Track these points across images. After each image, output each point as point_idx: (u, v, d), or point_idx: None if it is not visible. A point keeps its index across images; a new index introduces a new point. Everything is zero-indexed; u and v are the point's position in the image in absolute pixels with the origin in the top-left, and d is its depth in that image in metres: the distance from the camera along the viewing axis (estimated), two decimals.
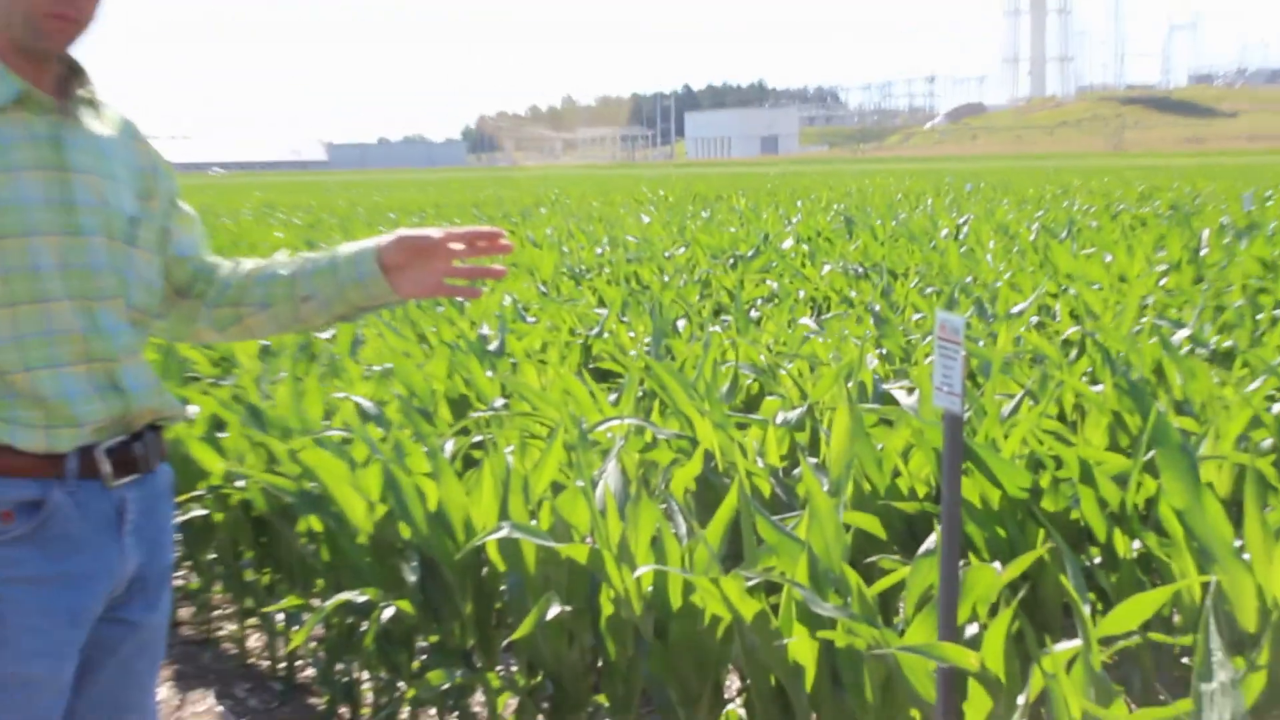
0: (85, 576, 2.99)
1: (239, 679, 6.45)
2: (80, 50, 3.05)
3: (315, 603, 5.63)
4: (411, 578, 4.95)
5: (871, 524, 4.51)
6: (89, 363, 2.97)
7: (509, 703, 5.14)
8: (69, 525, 2.94)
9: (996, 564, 3.64)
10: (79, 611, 2.99)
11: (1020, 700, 3.30)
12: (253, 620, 6.65)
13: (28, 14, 2.87)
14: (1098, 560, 4.22)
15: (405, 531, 4.95)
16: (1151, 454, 3.98)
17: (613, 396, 6.07)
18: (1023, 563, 3.61)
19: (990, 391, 5.24)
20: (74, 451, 2.95)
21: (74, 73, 3.06)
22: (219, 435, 6.13)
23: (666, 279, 12.16)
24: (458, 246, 3.25)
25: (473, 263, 3.30)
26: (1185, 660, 3.88)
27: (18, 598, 2.89)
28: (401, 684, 5.39)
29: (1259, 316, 8.05)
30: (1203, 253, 12.45)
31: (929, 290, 10.31)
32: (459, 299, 3.29)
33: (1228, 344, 6.72)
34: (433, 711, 5.53)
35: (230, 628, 6.99)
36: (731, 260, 13.78)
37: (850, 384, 5.52)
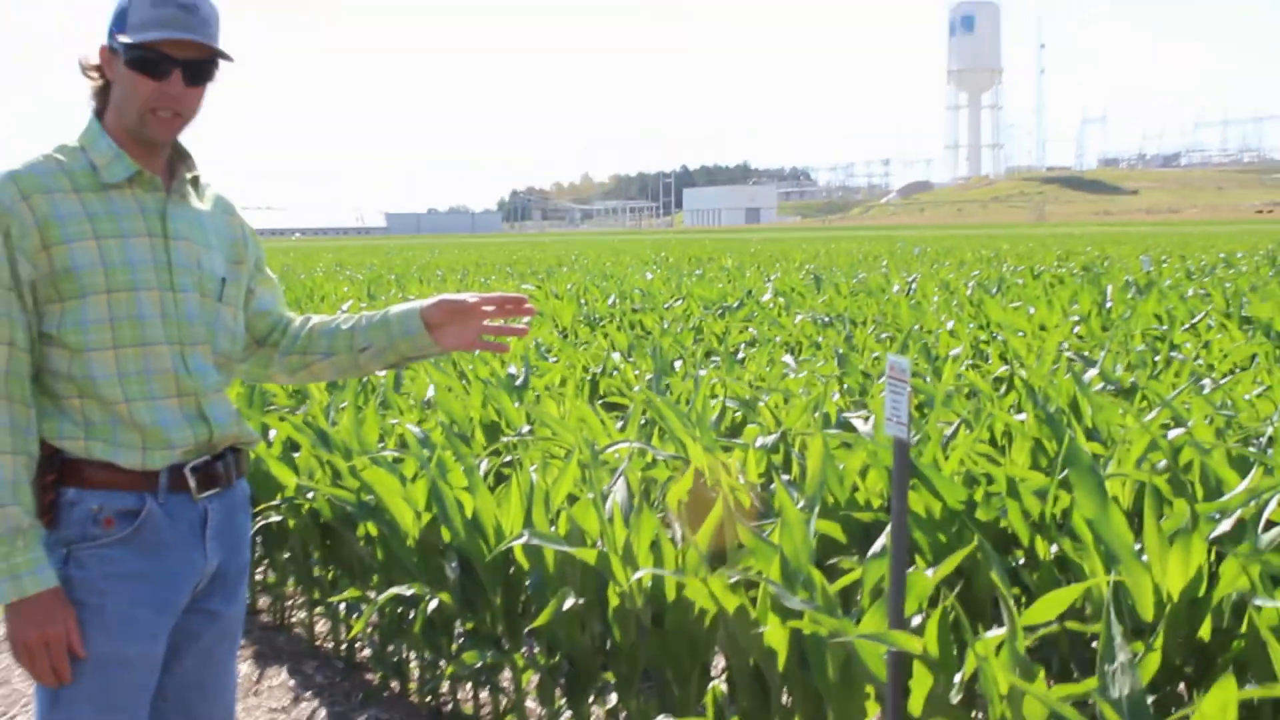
0: (173, 574, 3.04)
1: (308, 658, 6.43)
2: (189, 137, 3.13)
3: (371, 595, 5.64)
4: (451, 575, 4.95)
5: (834, 530, 4.51)
6: (180, 397, 3.03)
7: (531, 679, 5.13)
8: (160, 531, 3.00)
9: (929, 570, 3.63)
10: (167, 603, 3.05)
11: (956, 679, 3.29)
12: (319, 609, 6.63)
13: (140, 110, 2.95)
14: (1022, 561, 4.21)
15: (446, 536, 4.94)
16: (1066, 473, 3.96)
17: (619, 424, 6.06)
18: (953, 562, 3.59)
19: (933, 420, 5.22)
20: (166, 469, 3.01)
21: (181, 157, 3.14)
22: (293, 455, 6.15)
23: (666, 326, 12.16)
24: (489, 309, 3.29)
25: (501, 323, 3.33)
26: (1094, 643, 3.86)
27: (117, 591, 2.95)
28: (443, 663, 5.38)
29: (1156, 358, 8.04)
30: (1109, 306, 12.46)
31: (883, 336, 10.31)
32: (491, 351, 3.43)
33: (1130, 381, 6.70)
34: (468, 686, 5.52)
35: (301, 615, 6.96)
36: (720, 311, 13.77)
37: (818, 414, 5.50)
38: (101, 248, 2.93)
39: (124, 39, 2.90)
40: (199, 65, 2.97)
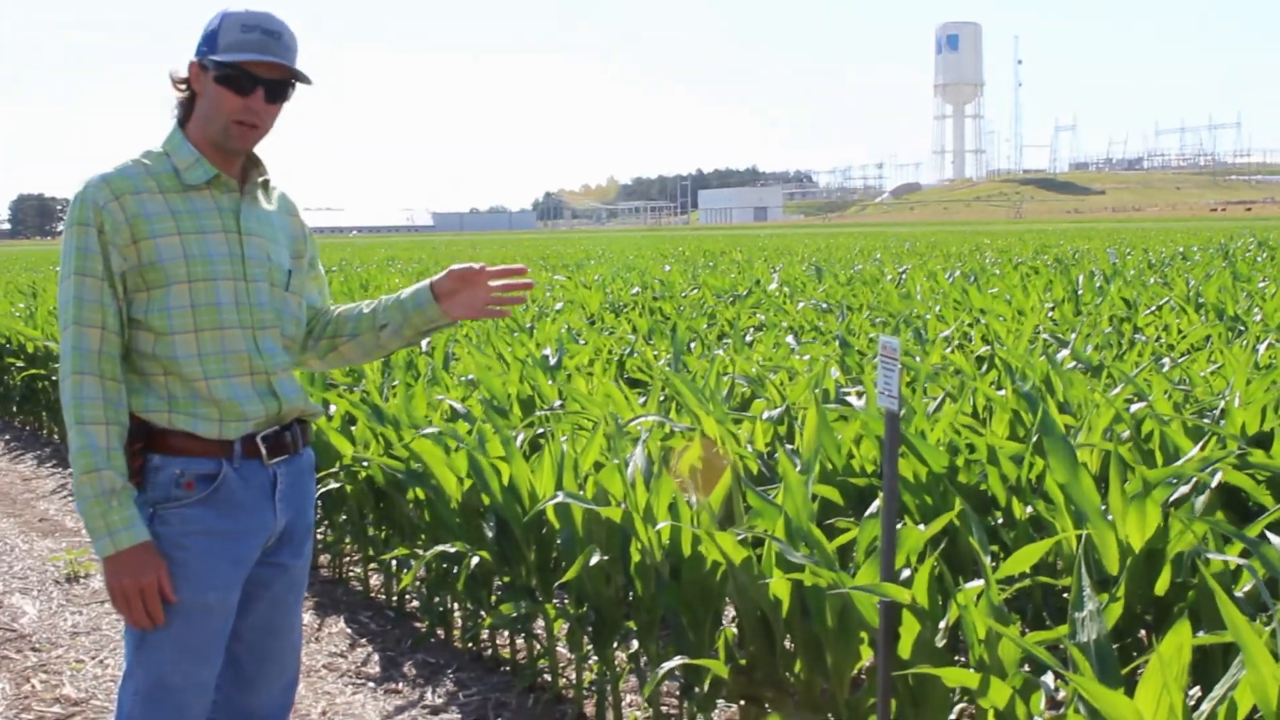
0: (246, 531, 3.10)
1: (363, 608, 6.45)
2: (264, 146, 3.19)
3: (419, 552, 5.65)
4: (490, 534, 4.96)
5: (832, 494, 4.50)
6: (252, 375, 3.10)
7: (562, 627, 5.14)
8: (235, 493, 3.06)
9: (922, 525, 3.62)
10: (241, 556, 3.11)
11: (941, 625, 3.28)
12: (373, 565, 6.65)
13: (225, 122, 3.02)
14: (1000, 520, 4.20)
15: (485, 499, 4.96)
16: (1040, 441, 3.96)
17: (641, 399, 6.06)
18: (939, 523, 3.60)
19: (920, 395, 5.21)
20: (239, 438, 3.07)
21: (254, 163, 3.20)
22: (350, 427, 6.18)
23: (682, 312, 12.15)
24: (494, 282, 3.28)
25: (504, 294, 3.32)
26: (1065, 595, 3.85)
27: (197, 546, 3.02)
28: (483, 613, 5.39)
29: (1121, 340, 8.01)
30: (1079, 293, 12.42)
31: (878, 320, 10.27)
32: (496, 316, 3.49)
33: (1098, 360, 6.68)
34: (506, 633, 5.53)
35: (357, 570, 6.99)
36: (731, 298, 13.74)
37: (817, 390, 5.49)
38: (184, 242, 3.00)
39: (215, 58, 2.99)
40: (278, 85, 3.06)
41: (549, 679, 5.18)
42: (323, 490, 6.21)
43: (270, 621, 3.28)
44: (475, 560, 5.03)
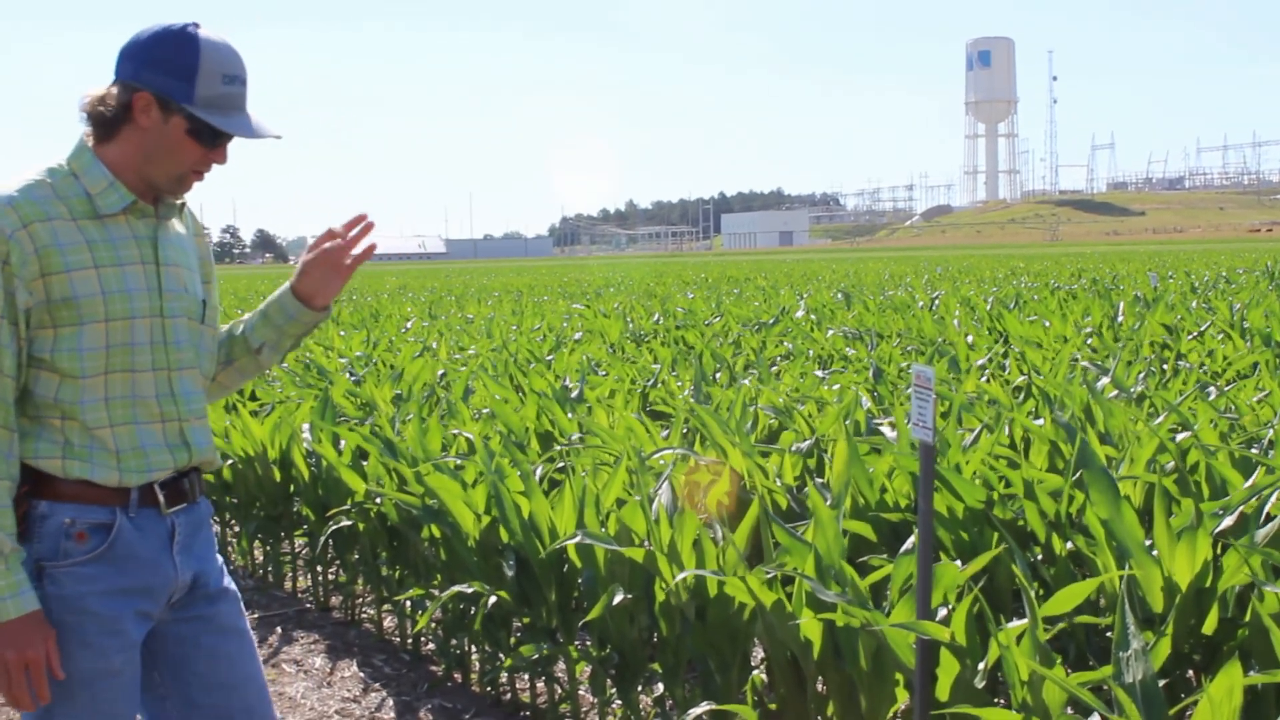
0: (146, 586, 2.95)
1: (377, 651, 6.45)
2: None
3: (435, 592, 5.64)
4: (509, 573, 4.95)
5: (864, 530, 4.50)
6: (163, 422, 2.96)
7: (584, 670, 5.13)
8: (132, 544, 2.91)
9: (958, 561, 3.62)
10: (144, 612, 2.96)
11: (981, 666, 3.28)
12: (387, 606, 6.66)
13: (183, 172, 2.91)
14: (1039, 557, 4.19)
15: (504, 537, 4.95)
16: (1080, 474, 3.95)
17: (664, 432, 6.06)
18: (980, 561, 3.59)
19: (955, 426, 5.21)
20: (138, 486, 2.92)
21: None
22: (362, 463, 6.17)
23: (706, 341, 12.15)
24: (343, 244, 3.14)
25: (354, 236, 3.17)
26: (1109, 634, 3.84)
27: (97, 608, 2.87)
28: (502, 655, 5.39)
29: (1164, 367, 8.00)
30: (1119, 319, 12.40)
31: (909, 349, 10.26)
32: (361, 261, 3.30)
33: (1139, 389, 6.67)
34: (526, 676, 5.53)
35: (370, 612, 6.99)
36: (756, 326, 13.73)
37: (848, 421, 5.49)
38: (100, 276, 2.83)
39: (195, 112, 2.83)
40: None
41: None
42: (334, 529, 6.22)
43: (219, 678, 3.10)
44: (493, 600, 5.03)
